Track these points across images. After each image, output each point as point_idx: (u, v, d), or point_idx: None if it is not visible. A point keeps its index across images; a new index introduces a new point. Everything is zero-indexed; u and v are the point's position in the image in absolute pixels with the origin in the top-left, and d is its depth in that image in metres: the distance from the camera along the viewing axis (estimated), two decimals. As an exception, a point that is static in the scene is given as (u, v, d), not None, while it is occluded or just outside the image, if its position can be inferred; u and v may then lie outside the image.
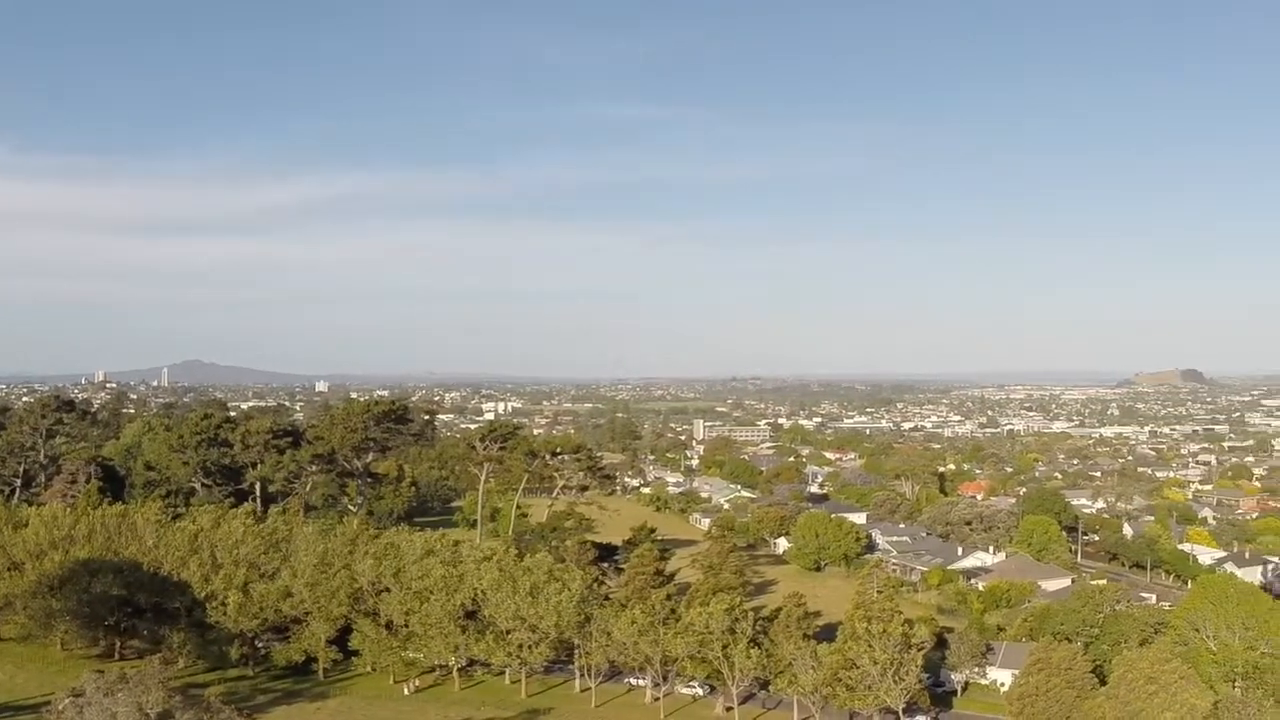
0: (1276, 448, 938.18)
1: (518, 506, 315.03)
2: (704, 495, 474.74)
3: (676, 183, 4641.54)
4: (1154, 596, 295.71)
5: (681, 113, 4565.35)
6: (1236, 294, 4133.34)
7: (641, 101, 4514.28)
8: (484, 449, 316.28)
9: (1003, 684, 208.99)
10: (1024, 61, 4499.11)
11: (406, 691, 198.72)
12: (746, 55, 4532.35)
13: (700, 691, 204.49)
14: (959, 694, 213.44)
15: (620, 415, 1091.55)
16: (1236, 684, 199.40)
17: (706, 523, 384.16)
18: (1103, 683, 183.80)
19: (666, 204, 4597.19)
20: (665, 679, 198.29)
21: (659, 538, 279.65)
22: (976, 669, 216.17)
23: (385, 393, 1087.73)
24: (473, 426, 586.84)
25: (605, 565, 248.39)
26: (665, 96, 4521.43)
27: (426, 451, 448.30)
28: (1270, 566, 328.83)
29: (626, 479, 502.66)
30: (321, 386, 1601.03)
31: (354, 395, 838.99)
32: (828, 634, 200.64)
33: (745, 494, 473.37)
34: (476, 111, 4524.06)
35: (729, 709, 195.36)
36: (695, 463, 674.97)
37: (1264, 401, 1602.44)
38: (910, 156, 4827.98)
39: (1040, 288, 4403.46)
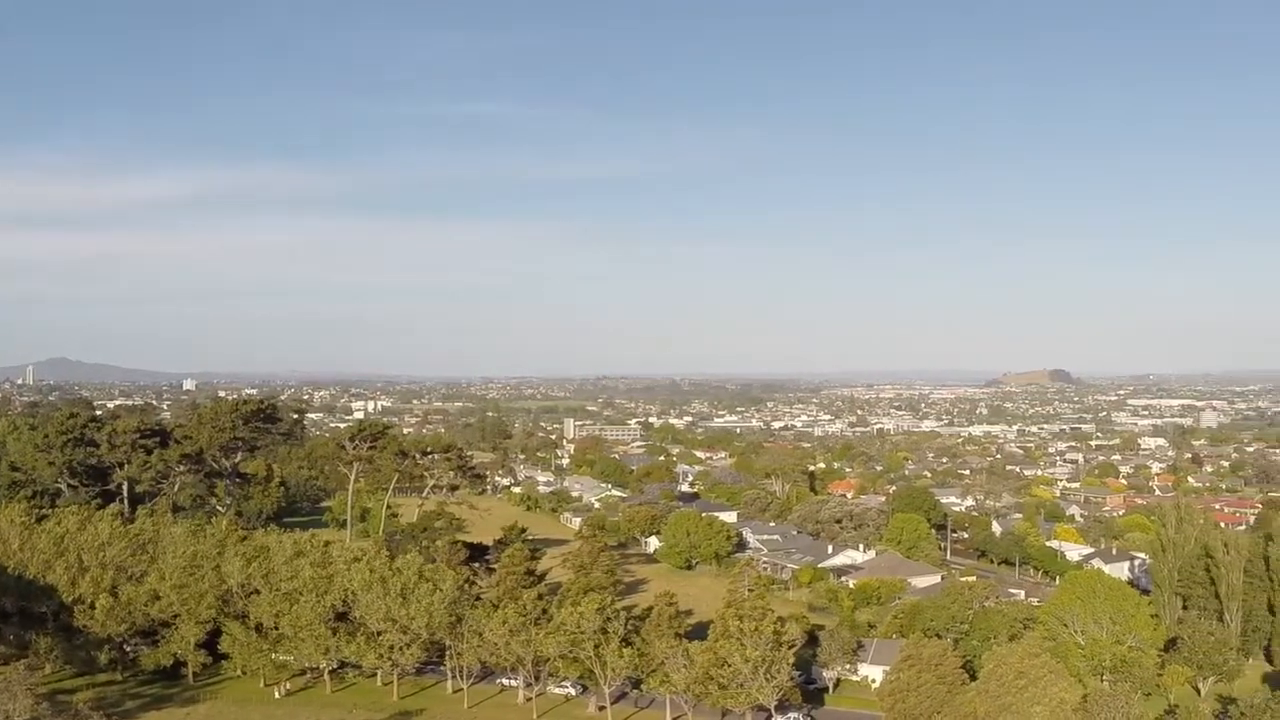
0: (1142, 446, 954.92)
1: (388, 506, 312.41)
2: (575, 494, 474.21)
3: (544, 179, 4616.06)
4: (1023, 592, 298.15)
5: (555, 110, 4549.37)
6: (1104, 295, 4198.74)
7: (512, 98, 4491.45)
8: (354, 448, 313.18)
9: (874, 680, 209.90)
10: (874, 59, 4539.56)
11: (277, 695, 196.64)
12: (619, 54, 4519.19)
13: (573, 691, 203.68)
14: (831, 691, 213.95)
15: (491, 414, 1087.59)
16: (1105, 677, 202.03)
17: (577, 522, 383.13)
18: (973, 678, 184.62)
19: (535, 201, 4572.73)
20: (538, 679, 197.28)
21: (530, 537, 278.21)
22: (848, 666, 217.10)
23: (253, 391, 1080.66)
24: (342, 425, 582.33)
25: (476, 565, 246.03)
26: (536, 94, 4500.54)
27: (295, 451, 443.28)
28: (1136, 562, 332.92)
29: (497, 478, 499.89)
30: (189, 385, 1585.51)
31: (222, 394, 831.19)
32: (699, 632, 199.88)
33: (616, 493, 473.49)
34: (343, 106, 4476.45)
35: (601, 708, 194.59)
36: (566, 462, 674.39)
37: (1130, 401, 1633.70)
38: (776, 158, 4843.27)
39: (910, 289, 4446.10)
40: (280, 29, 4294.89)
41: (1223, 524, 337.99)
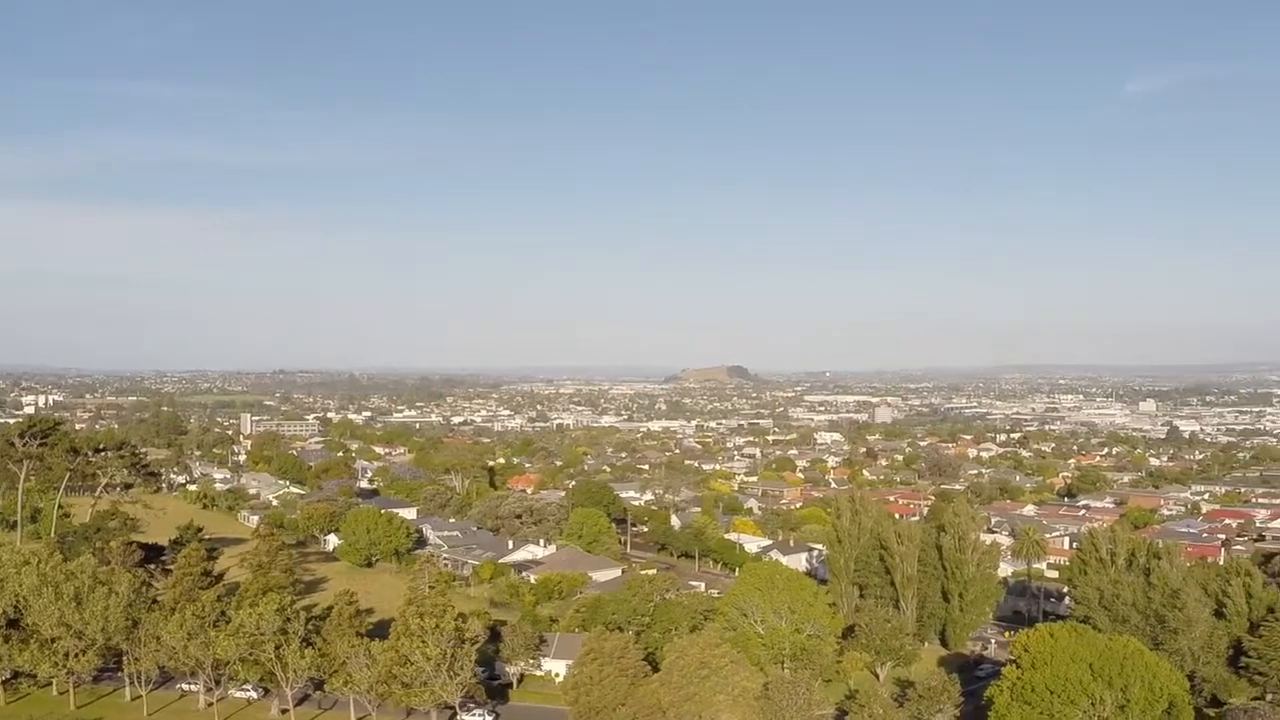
0: (819, 441, 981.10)
1: (60, 506, 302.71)
2: (252, 492, 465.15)
3: (210, 166, 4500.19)
4: (703, 584, 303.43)
5: (238, 94, 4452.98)
6: (782, 294, 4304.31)
7: (195, 82, 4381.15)
8: (23, 445, 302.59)
9: (558, 674, 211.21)
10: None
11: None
12: (316, 38, 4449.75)
13: (255, 695, 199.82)
14: (515, 686, 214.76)
15: (165, 409, 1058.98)
16: (785, 665, 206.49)
17: (255, 520, 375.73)
18: (655, 670, 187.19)
19: (215, 188, 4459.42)
20: (218, 683, 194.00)
21: (207, 537, 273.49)
22: (531, 661, 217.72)
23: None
24: (11, 421, 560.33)
25: (152, 567, 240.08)
26: (221, 76, 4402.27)
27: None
28: (814, 553, 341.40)
29: (172, 476, 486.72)
30: None
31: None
32: (381, 631, 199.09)
33: (295, 490, 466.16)
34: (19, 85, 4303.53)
35: (285, 711, 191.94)
36: (243, 458, 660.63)
37: (807, 397, 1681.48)
38: (452, 150, 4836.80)
39: (590, 286, 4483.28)
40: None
41: (897, 515, 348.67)
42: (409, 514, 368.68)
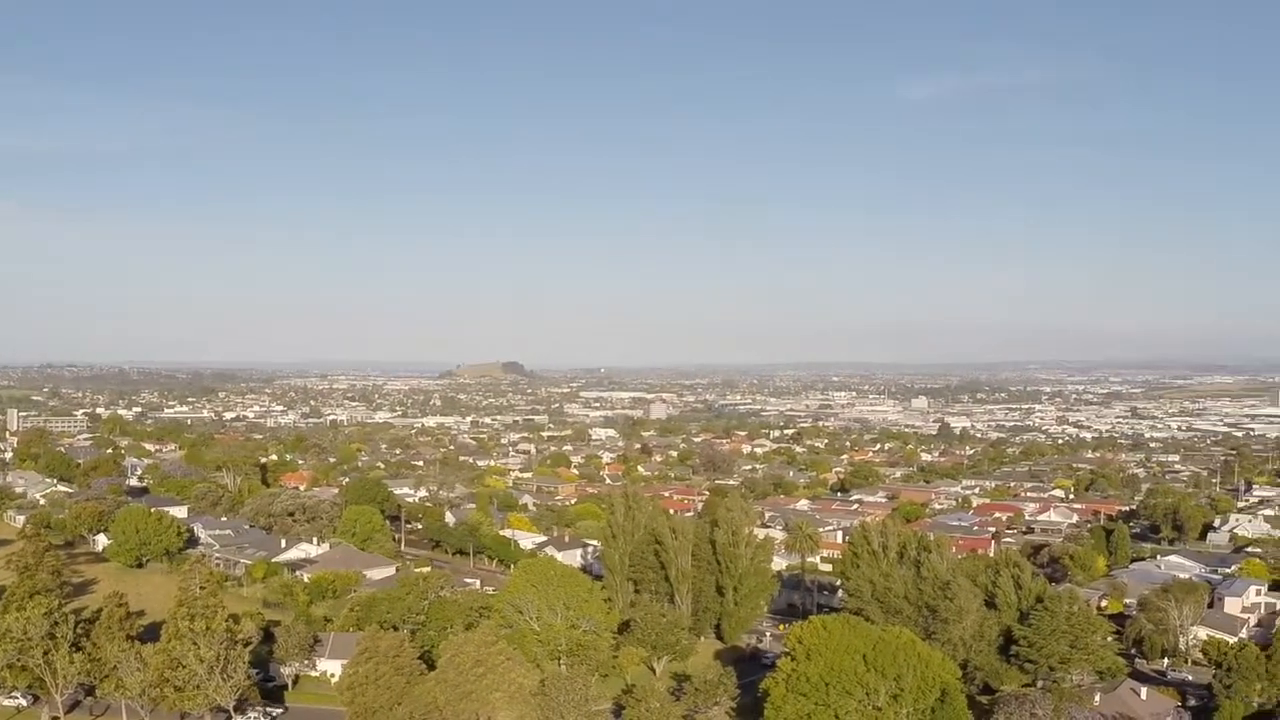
0: (594, 437, 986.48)
1: None
2: (19, 490, 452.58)
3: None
4: (478, 581, 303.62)
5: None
6: (557, 290, 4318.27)
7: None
8: None
9: (334, 675, 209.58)
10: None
11: None
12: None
13: (24, 702, 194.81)
14: (291, 687, 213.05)
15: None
16: (562, 661, 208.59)
17: (21, 520, 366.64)
18: (431, 668, 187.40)
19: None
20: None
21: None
22: (306, 661, 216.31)
23: None
24: None
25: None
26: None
27: None
28: (589, 549, 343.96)
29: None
30: None
31: None
32: (153, 633, 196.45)
33: (62, 488, 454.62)
34: None
35: (55, 718, 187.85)
36: (9, 456, 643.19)
37: (582, 393, 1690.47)
38: (235, 142, 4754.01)
39: (367, 279, 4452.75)
40: None
41: (672, 511, 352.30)
42: (180, 512, 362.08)
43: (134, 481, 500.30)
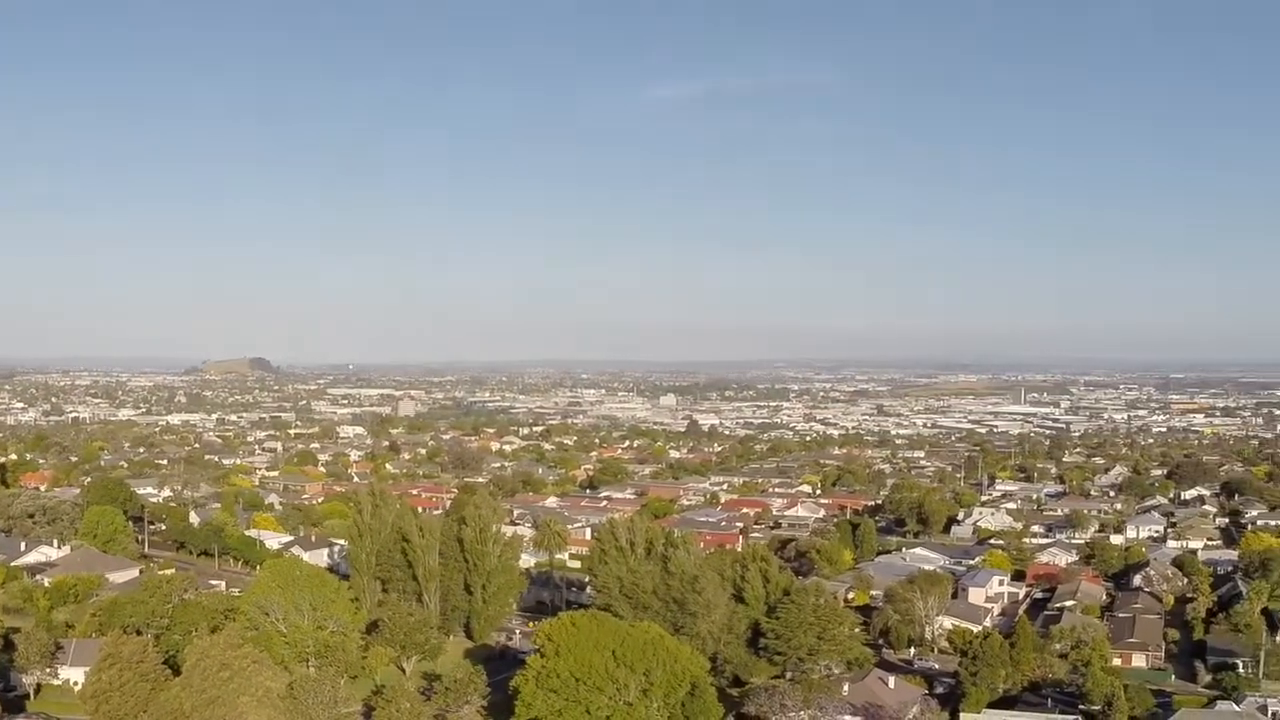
0: (342, 435, 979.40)
1: None
2: None
3: None
4: (223, 583, 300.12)
5: None
6: (306, 285, 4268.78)
7: None
8: None
9: (77, 683, 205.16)
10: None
11: None
12: None
13: None
14: (32, 697, 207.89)
15: None
16: (310, 663, 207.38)
17: None
18: (177, 673, 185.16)
19: None
20: None
21: None
22: (48, 669, 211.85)
23: None
24: None
25: None
26: None
27: None
28: (336, 549, 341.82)
29: None
30: None
31: None
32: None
33: None
34: None
35: None
36: None
37: (330, 390, 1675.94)
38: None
39: (108, 272, 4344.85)
40: None
41: (420, 509, 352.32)
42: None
43: None
